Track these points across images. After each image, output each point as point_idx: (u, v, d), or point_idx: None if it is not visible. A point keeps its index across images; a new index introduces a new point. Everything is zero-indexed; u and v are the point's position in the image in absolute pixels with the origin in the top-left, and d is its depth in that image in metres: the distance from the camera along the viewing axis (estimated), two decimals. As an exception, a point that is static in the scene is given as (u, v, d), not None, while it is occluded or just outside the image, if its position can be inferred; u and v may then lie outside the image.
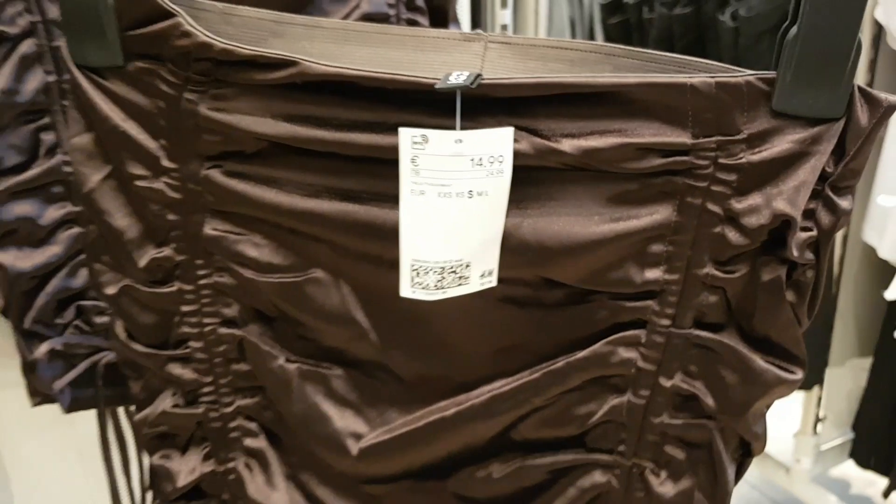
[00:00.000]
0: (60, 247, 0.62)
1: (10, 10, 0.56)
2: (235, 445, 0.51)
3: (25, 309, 0.62)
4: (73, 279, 0.63)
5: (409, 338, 0.46)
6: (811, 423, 1.50)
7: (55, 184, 0.61)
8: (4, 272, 0.60)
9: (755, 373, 0.41)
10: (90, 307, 0.64)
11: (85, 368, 0.64)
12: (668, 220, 0.40)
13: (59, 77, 0.60)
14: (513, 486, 0.49)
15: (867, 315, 1.45)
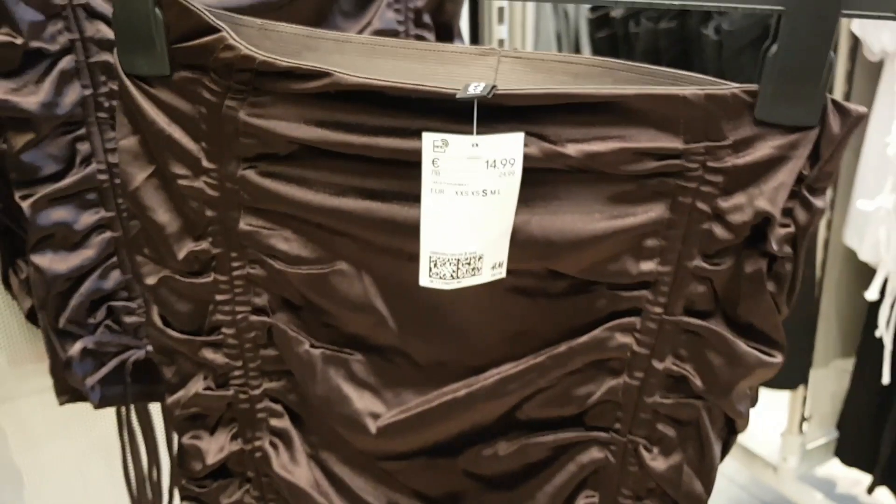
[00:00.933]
0: (93, 250, 0.66)
1: (51, 29, 0.61)
2: (262, 425, 0.55)
3: (60, 309, 0.66)
4: (105, 281, 0.67)
5: (425, 325, 0.50)
6: (797, 422, 1.55)
7: (89, 191, 0.66)
8: (42, 274, 0.64)
9: (739, 356, 0.46)
10: (120, 307, 0.68)
11: (114, 366, 0.68)
12: (662, 217, 0.45)
13: (95, 91, 0.64)
14: (518, 462, 0.53)
15: (849, 316, 1.50)
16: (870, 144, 1.29)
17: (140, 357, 0.70)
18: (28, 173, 0.63)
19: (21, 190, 0.63)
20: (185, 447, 0.56)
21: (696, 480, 0.50)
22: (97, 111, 0.64)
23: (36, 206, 0.63)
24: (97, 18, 0.62)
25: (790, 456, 1.57)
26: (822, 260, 1.41)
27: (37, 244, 0.64)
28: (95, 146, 0.65)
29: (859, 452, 1.53)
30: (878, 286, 1.27)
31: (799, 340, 1.44)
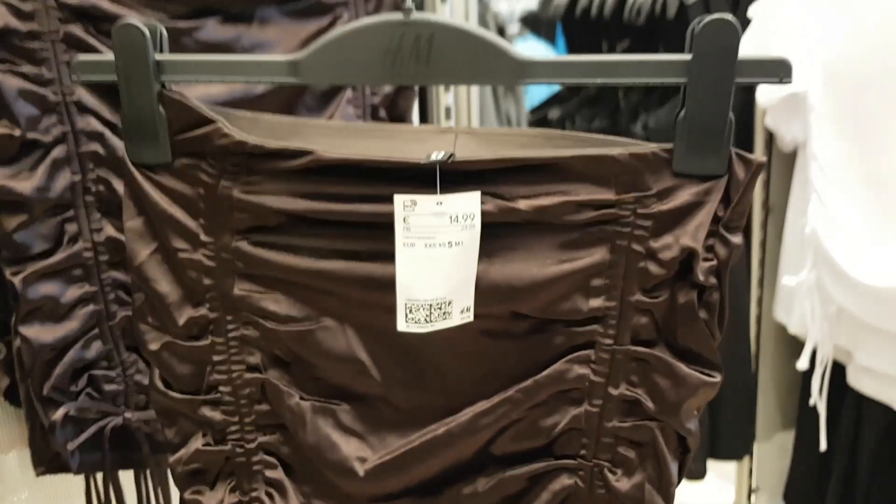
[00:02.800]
0: (77, 322, 0.70)
1: (45, 122, 0.67)
2: (257, 477, 0.59)
3: (45, 377, 0.69)
4: (87, 351, 0.71)
5: (404, 371, 0.56)
6: (745, 494, 1.60)
7: (75, 267, 0.70)
8: (30, 344, 0.68)
9: (682, 377, 0.52)
10: (100, 376, 0.72)
11: (94, 432, 0.71)
12: (604, 259, 0.52)
13: (84, 177, 0.70)
14: (496, 497, 0.58)
15: (786, 389, 1.58)
16: (790, 226, 1.41)
17: (118, 424, 0.73)
18: (19, 251, 0.67)
19: (12, 267, 0.67)
20: (187, 503, 0.59)
21: (658, 497, 0.55)
22: (85, 195, 0.70)
23: (26, 281, 0.67)
24: (87, 113, 0.68)
25: (742, 528, 1.61)
26: (755, 335, 1.50)
27: (25, 316, 0.68)
28: (82, 227, 0.70)
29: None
30: (808, 356, 1.35)
31: (741, 412, 1.52)
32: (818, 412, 1.40)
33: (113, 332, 0.73)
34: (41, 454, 0.76)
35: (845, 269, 1.23)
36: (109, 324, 0.72)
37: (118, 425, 0.73)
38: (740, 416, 1.52)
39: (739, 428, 1.52)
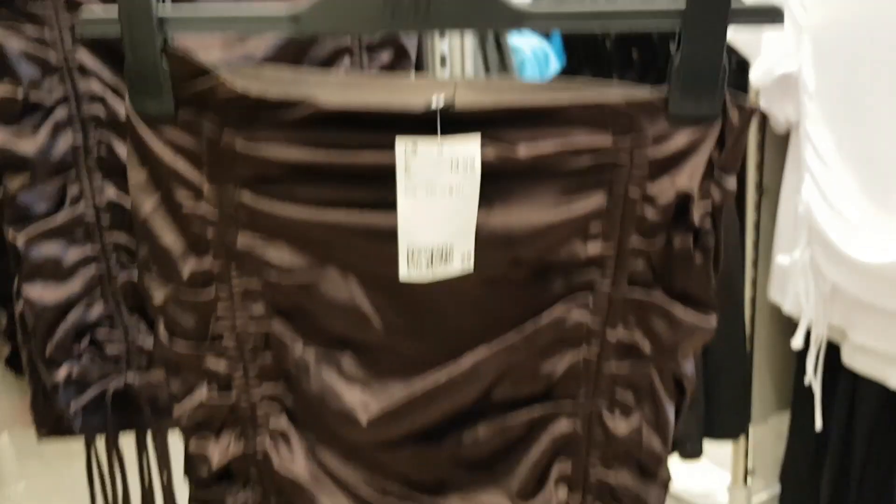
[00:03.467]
0: (79, 284, 0.71)
1: (47, 84, 0.68)
2: (262, 427, 0.59)
3: (48, 338, 0.70)
4: (89, 312, 0.72)
5: (406, 319, 0.56)
6: (741, 475, 1.61)
7: (77, 229, 0.71)
8: (32, 305, 0.68)
9: (678, 320, 0.53)
10: (103, 338, 0.73)
11: (96, 394, 0.72)
12: (601, 205, 0.53)
13: (85, 139, 0.70)
14: (497, 443, 0.59)
15: (781, 370, 1.59)
16: (784, 206, 1.42)
17: (119, 386, 0.73)
18: (22, 212, 0.68)
19: (15, 227, 0.68)
20: (191, 453, 0.60)
21: (655, 437, 0.56)
22: (86, 157, 0.71)
23: (29, 241, 0.68)
24: (89, 75, 0.69)
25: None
26: (750, 316, 1.51)
27: (28, 277, 0.69)
28: (84, 188, 0.71)
29: (802, 500, 1.59)
30: (802, 334, 1.36)
31: (736, 393, 1.53)
32: (813, 392, 1.41)
33: (115, 294, 0.73)
34: (44, 417, 0.77)
35: (839, 247, 1.24)
36: (111, 286, 0.73)
37: (120, 387, 0.73)
38: (736, 396, 1.53)
39: (735, 408, 1.53)
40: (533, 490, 0.59)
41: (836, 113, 1.25)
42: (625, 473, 0.58)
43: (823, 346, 1.37)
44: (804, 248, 1.33)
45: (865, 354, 1.34)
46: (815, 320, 1.35)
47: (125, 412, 0.76)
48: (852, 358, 1.37)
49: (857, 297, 1.28)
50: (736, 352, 1.51)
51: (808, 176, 1.28)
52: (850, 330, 1.34)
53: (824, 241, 1.27)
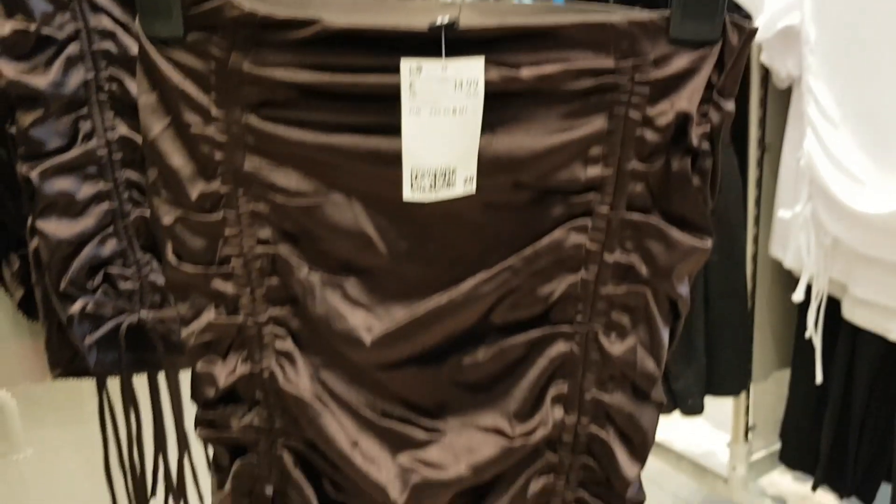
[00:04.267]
0: (92, 219, 0.72)
1: (59, 19, 0.69)
2: (268, 348, 0.61)
3: (62, 273, 0.72)
4: (102, 248, 0.73)
5: (409, 244, 0.58)
6: (742, 431, 1.64)
7: (90, 165, 0.73)
8: (47, 239, 0.70)
9: (674, 242, 0.55)
10: (116, 274, 0.74)
11: (110, 328, 0.74)
12: (602, 128, 0.54)
13: (97, 75, 0.72)
14: (496, 365, 0.60)
15: (782, 327, 1.61)
16: (785, 161, 1.43)
17: (133, 322, 0.75)
18: (36, 147, 0.70)
19: (29, 162, 0.69)
20: (198, 374, 0.61)
21: (649, 359, 0.58)
22: (98, 93, 0.72)
23: (44, 175, 0.69)
24: (100, 11, 0.71)
25: (738, 465, 1.65)
26: (752, 273, 1.53)
27: (42, 211, 0.70)
28: (96, 124, 0.72)
29: (802, 455, 1.61)
30: (803, 288, 1.38)
31: (738, 349, 1.55)
32: (814, 346, 1.43)
33: (127, 230, 0.75)
34: (58, 357, 0.79)
35: (841, 200, 1.26)
36: (124, 222, 0.75)
37: (133, 323, 0.75)
38: (737, 353, 1.55)
39: (736, 365, 1.55)
40: (530, 411, 0.61)
41: (837, 66, 1.26)
42: (619, 394, 0.60)
43: (824, 300, 1.39)
44: (805, 202, 1.34)
45: (865, 308, 1.35)
46: (816, 274, 1.37)
47: (139, 351, 0.77)
48: (852, 312, 1.39)
49: (857, 251, 1.29)
50: (737, 309, 1.52)
51: (809, 130, 1.29)
52: (851, 284, 1.35)
53: (826, 194, 1.28)
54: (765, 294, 1.56)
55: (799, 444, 1.61)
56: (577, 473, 0.62)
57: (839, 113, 1.26)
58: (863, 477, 1.55)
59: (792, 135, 1.41)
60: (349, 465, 0.61)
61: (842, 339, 1.47)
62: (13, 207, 0.81)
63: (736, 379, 1.56)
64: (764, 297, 1.56)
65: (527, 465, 0.62)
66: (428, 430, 0.62)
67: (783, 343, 1.62)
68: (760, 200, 1.50)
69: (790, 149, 1.40)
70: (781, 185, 1.43)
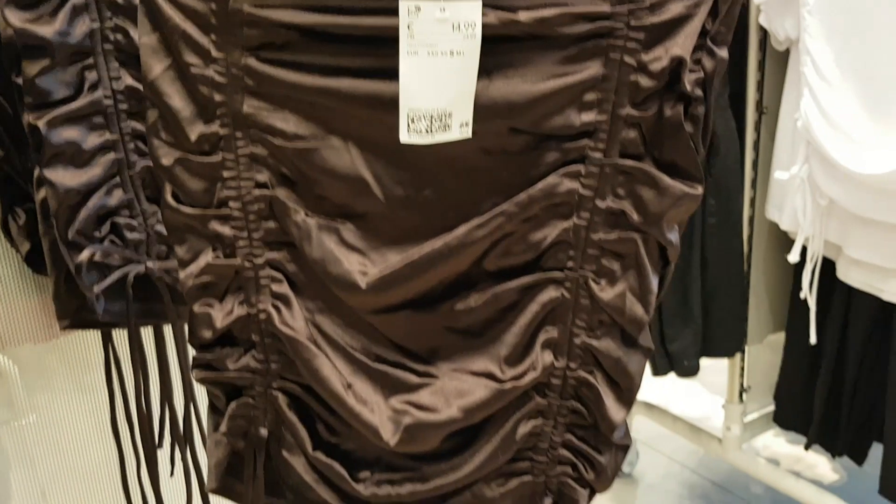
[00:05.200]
0: (99, 169, 0.74)
1: (63, -32, 0.70)
2: (265, 291, 0.63)
3: (70, 221, 0.73)
4: (109, 198, 0.75)
5: (405, 190, 0.59)
6: (737, 392, 1.66)
7: (96, 115, 0.74)
8: (55, 188, 0.71)
9: (665, 188, 0.56)
10: (123, 224, 0.76)
11: (118, 278, 0.75)
12: (598, 73, 0.55)
13: (102, 25, 0.73)
14: (489, 311, 0.62)
15: (777, 289, 1.63)
16: (783, 123, 1.44)
17: (140, 272, 0.77)
18: (42, 96, 0.71)
19: (36, 112, 0.71)
20: (196, 315, 0.63)
21: (638, 304, 0.59)
22: (103, 43, 0.73)
23: (51, 124, 0.71)
24: (103, -40, 0.71)
25: (733, 425, 1.68)
26: (748, 236, 1.54)
27: (50, 160, 0.72)
28: (102, 74, 0.73)
29: (795, 415, 1.64)
30: (799, 249, 1.40)
31: (733, 311, 1.57)
32: (808, 308, 1.45)
33: (133, 181, 0.76)
34: (66, 307, 0.81)
35: (837, 161, 1.27)
36: (130, 173, 0.76)
37: (140, 273, 0.77)
38: (733, 314, 1.57)
39: (732, 326, 1.57)
40: (520, 356, 0.62)
41: (835, 26, 1.26)
42: (608, 339, 0.61)
43: (819, 262, 1.41)
44: (802, 163, 1.35)
45: (860, 268, 1.37)
46: (812, 235, 1.38)
47: (145, 301, 0.79)
48: (847, 273, 1.40)
49: (853, 212, 1.31)
50: (733, 271, 1.54)
51: (806, 91, 1.30)
52: (846, 245, 1.37)
53: (822, 155, 1.29)
54: (761, 257, 1.58)
55: (792, 405, 1.64)
56: (565, 417, 0.64)
57: (837, 73, 1.26)
58: (855, 437, 1.57)
59: (789, 97, 1.41)
60: (343, 407, 0.63)
61: (836, 301, 1.49)
62: (20, 162, 0.83)
63: (731, 340, 1.58)
64: (760, 259, 1.58)
65: (516, 409, 0.64)
66: (420, 375, 0.64)
67: (778, 306, 1.64)
68: (757, 163, 1.51)
69: (787, 111, 1.41)
70: (778, 147, 1.44)
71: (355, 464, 0.67)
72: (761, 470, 1.68)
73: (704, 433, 1.75)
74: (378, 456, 0.67)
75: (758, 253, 1.57)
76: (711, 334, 1.57)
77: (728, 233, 1.50)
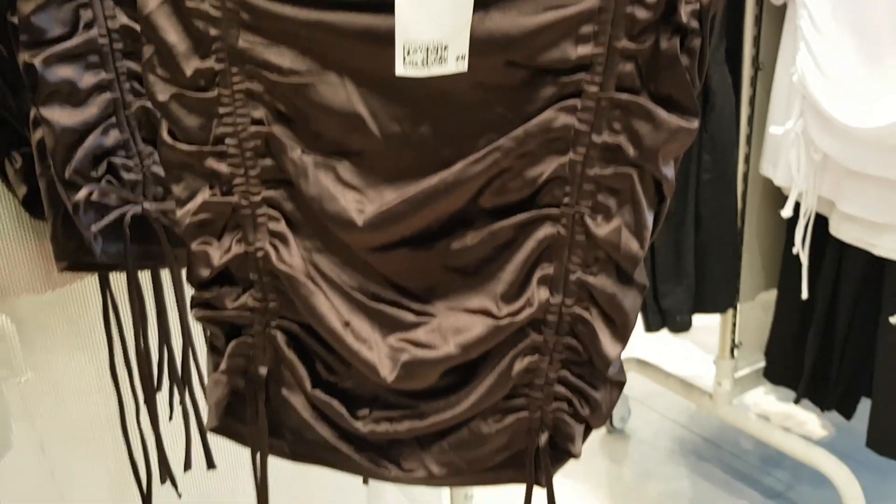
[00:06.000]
0: (95, 108, 0.74)
1: None
2: (262, 229, 0.63)
3: (66, 161, 0.73)
4: (106, 138, 0.75)
5: (402, 126, 0.59)
6: (728, 348, 1.68)
7: (91, 54, 0.74)
8: (51, 127, 0.72)
9: (661, 122, 0.56)
10: (119, 164, 0.76)
11: (115, 218, 0.76)
12: (594, 5, 0.55)
13: (96, -41, 0.72)
14: (484, 249, 0.62)
15: (770, 245, 1.64)
16: (778, 78, 1.44)
17: (137, 213, 0.77)
18: (37, 34, 0.71)
19: (31, 50, 0.71)
20: (194, 253, 0.63)
21: (633, 240, 0.60)
22: (98, -21, 0.73)
23: (46, 62, 0.70)
24: None
25: (724, 380, 1.70)
26: (742, 192, 1.55)
27: (46, 99, 0.72)
28: (97, 13, 0.73)
29: (785, 371, 1.66)
30: (792, 204, 1.40)
31: (726, 267, 1.58)
32: (801, 263, 1.46)
33: (129, 121, 0.76)
34: (63, 249, 0.81)
35: (832, 115, 1.27)
36: (126, 113, 0.76)
37: (137, 214, 0.77)
38: (726, 270, 1.58)
39: (725, 282, 1.58)
40: (516, 292, 0.63)
41: (833, -20, 1.26)
42: (603, 276, 0.62)
43: (812, 217, 1.42)
44: (797, 118, 1.35)
45: (853, 224, 1.38)
46: (806, 190, 1.39)
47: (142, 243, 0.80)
48: (839, 228, 1.41)
49: (847, 166, 1.31)
50: (727, 227, 1.55)
51: (803, 45, 1.30)
52: (839, 200, 1.38)
53: (817, 109, 1.30)
54: (754, 213, 1.58)
55: (783, 360, 1.66)
56: (560, 353, 0.65)
57: (833, 27, 1.26)
58: (844, 392, 1.60)
59: (786, 52, 1.41)
60: (341, 344, 0.64)
61: (828, 257, 1.50)
62: (15, 105, 0.82)
63: (724, 296, 1.60)
64: (753, 216, 1.58)
65: (512, 346, 0.64)
66: (417, 314, 0.65)
67: (771, 263, 1.65)
68: (753, 119, 1.51)
69: (783, 65, 1.41)
70: (774, 102, 1.44)
71: (354, 402, 0.68)
72: (751, 424, 1.71)
73: (696, 389, 1.78)
74: (376, 394, 0.68)
75: (751, 210, 1.57)
76: (704, 290, 1.59)
77: (722, 189, 1.51)
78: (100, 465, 1.15)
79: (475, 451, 0.67)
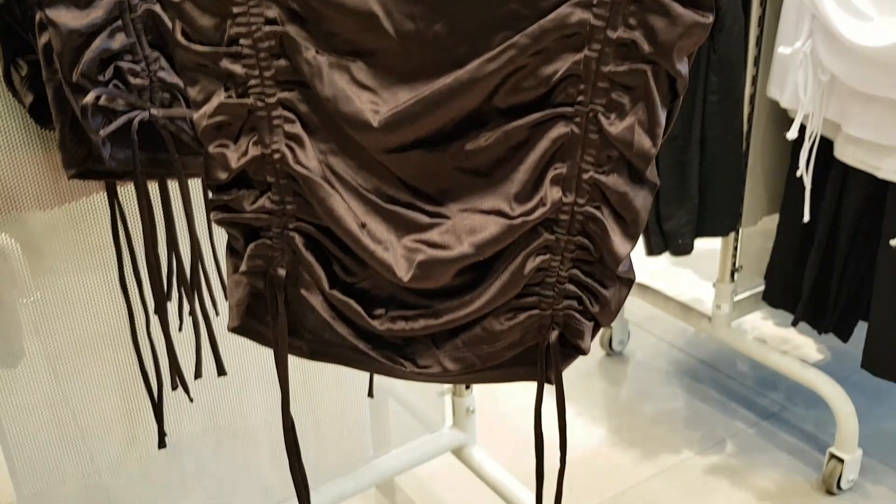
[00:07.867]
0: (101, 11, 0.73)
1: None
2: (278, 131, 0.63)
3: (74, 64, 0.73)
4: (112, 41, 0.74)
5: (416, 25, 0.59)
6: (728, 271, 1.69)
7: (95, -47, 0.72)
8: (58, 28, 0.71)
9: (677, 16, 0.56)
10: (126, 69, 0.76)
11: (123, 123, 0.76)
12: None
13: None
14: (498, 150, 0.63)
15: (775, 170, 1.64)
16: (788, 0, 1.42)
17: (144, 118, 0.77)
18: (40, -67, 0.69)
19: (35, -51, 0.69)
20: (211, 156, 0.64)
21: (646, 137, 0.60)
22: None
23: (48, -39, 0.69)
24: None
25: (723, 303, 1.72)
26: (748, 114, 1.54)
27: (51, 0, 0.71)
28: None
29: (784, 294, 1.68)
30: (798, 125, 1.40)
31: (730, 190, 1.58)
32: (804, 186, 1.46)
33: (136, 24, 0.75)
34: (72, 156, 0.81)
35: (841, 34, 1.26)
36: (131, 16, 0.75)
37: (145, 120, 0.77)
38: (729, 194, 1.58)
39: (727, 206, 1.59)
40: (530, 192, 0.63)
41: None
42: (615, 175, 0.62)
43: (817, 139, 1.41)
44: (806, 38, 1.34)
45: (857, 146, 1.38)
46: (812, 112, 1.39)
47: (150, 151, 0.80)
48: (843, 151, 1.41)
49: (854, 87, 1.31)
50: (732, 150, 1.55)
51: (815, -39, 1.28)
52: (845, 122, 1.37)
53: (826, 28, 1.28)
54: (759, 136, 1.58)
55: (782, 283, 1.68)
56: (571, 252, 0.66)
57: (846, -57, 1.24)
58: (841, 315, 1.62)
59: (797, -29, 1.39)
60: (358, 245, 0.65)
61: (831, 180, 1.51)
62: (20, 11, 0.81)
63: (726, 219, 1.60)
64: (759, 139, 1.58)
65: (524, 245, 0.65)
66: (431, 216, 0.65)
67: (774, 188, 1.65)
68: (761, 40, 1.50)
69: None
70: (783, 22, 1.43)
71: (370, 302, 0.69)
72: (748, 346, 1.73)
73: (695, 311, 1.80)
74: (392, 294, 0.70)
75: (757, 133, 1.57)
76: (707, 213, 1.59)
77: (729, 111, 1.50)
78: (110, 377, 1.17)
79: (488, 347, 0.69)
